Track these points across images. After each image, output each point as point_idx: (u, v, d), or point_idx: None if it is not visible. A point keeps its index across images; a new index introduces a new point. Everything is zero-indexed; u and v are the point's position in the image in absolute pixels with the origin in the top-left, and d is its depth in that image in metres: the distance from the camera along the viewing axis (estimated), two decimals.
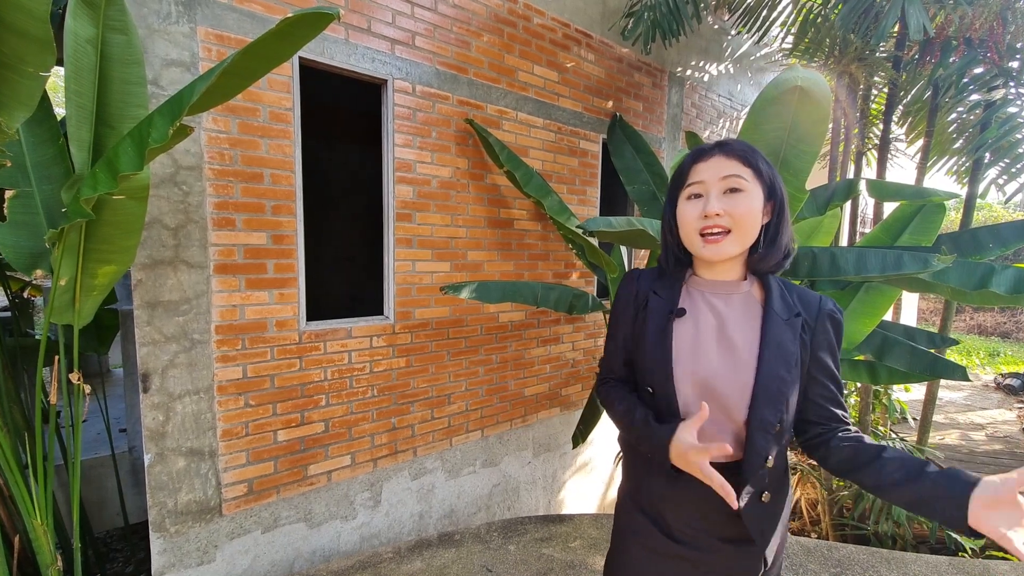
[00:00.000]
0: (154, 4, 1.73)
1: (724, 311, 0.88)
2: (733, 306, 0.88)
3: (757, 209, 0.83)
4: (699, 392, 0.85)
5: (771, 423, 0.81)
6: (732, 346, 0.85)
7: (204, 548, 2.01)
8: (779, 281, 0.90)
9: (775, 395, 0.81)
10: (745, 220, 0.82)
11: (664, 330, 0.88)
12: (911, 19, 1.91)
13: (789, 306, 0.85)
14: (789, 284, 0.90)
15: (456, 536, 2.29)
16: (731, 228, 0.82)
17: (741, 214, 0.82)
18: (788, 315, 0.84)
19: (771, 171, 0.85)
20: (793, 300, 0.87)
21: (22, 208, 1.64)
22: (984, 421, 5.26)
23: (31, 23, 1.09)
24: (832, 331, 0.87)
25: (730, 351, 0.84)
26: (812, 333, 0.85)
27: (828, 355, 0.87)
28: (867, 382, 2.62)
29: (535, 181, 2.59)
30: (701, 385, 0.85)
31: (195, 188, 1.87)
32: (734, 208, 0.82)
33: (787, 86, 1.28)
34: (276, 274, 2.09)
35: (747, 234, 0.83)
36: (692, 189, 0.86)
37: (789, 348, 0.83)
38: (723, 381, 0.83)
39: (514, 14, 2.77)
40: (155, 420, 1.86)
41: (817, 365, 0.86)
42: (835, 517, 3.41)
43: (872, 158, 3.96)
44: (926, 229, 2.36)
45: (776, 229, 0.86)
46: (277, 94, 2.02)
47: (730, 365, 0.84)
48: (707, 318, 0.88)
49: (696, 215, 0.84)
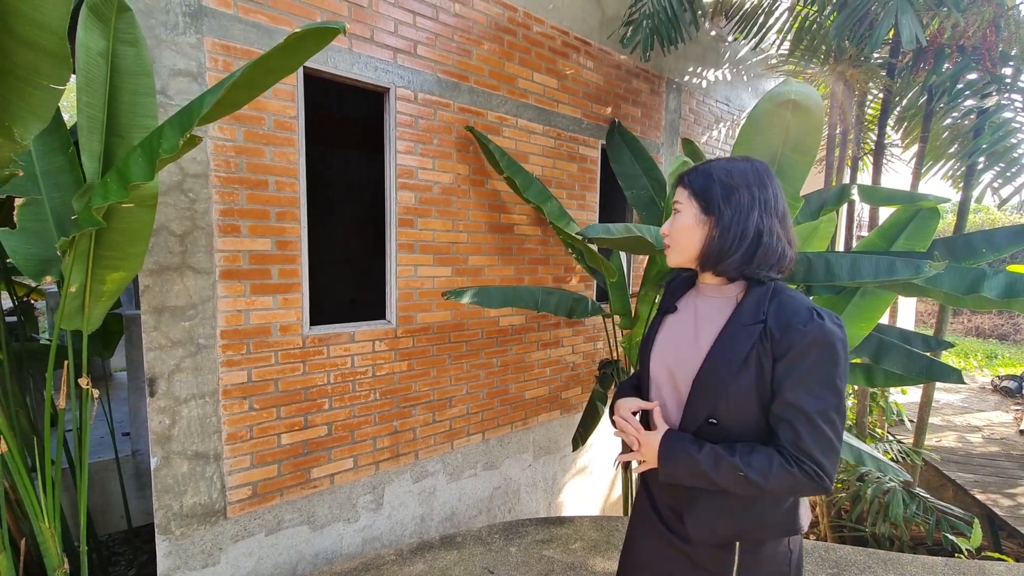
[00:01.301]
0: (162, 15, 1.77)
1: (703, 311, 0.98)
2: (711, 307, 0.97)
3: (687, 226, 0.94)
4: (666, 375, 0.98)
5: (699, 412, 0.90)
6: (696, 342, 0.94)
7: (209, 550, 2.03)
8: (766, 290, 0.89)
9: (709, 389, 0.89)
10: (676, 236, 0.96)
11: (656, 323, 1.06)
12: (904, 29, 1.95)
13: (757, 313, 0.87)
14: (783, 293, 0.89)
15: (458, 538, 2.32)
16: (670, 244, 0.98)
17: (673, 232, 0.97)
18: (751, 321, 0.87)
19: (706, 186, 0.90)
20: (766, 309, 0.87)
21: (32, 216, 1.67)
22: (981, 423, 5.29)
23: (48, 38, 1.12)
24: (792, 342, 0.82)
25: (694, 346, 0.94)
26: (774, 343, 0.84)
27: (788, 368, 0.83)
28: (864, 385, 2.65)
29: (535, 187, 2.62)
30: (667, 369, 0.98)
31: (201, 195, 1.90)
32: (670, 228, 0.98)
33: (781, 99, 1.32)
34: (280, 279, 2.12)
35: (680, 248, 0.96)
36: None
37: (736, 351, 0.87)
38: (682, 369, 0.95)
39: (514, 23, 2.81)
40: (161, 424, 1.88)
41: (776, 379, 0.84)
42: (833, 519, 3.43)
43: (868, 163, 4.01)
44: (921, 234, 2.40)
45: (720, 241, 0.89)
46: (282, 103, 2.06)
47: (690, 357, 0.94)
48: (689, 316, 1.00)
49: None
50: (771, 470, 0.82)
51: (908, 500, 3.07)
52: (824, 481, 0.81)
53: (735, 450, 0.85)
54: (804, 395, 0.81)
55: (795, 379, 0.82)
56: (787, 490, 0.84)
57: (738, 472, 0.83)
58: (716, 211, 0.90)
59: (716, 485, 0.86)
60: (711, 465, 0.85)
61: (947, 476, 3.92)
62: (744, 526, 0.90)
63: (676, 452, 0.89)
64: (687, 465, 0.88)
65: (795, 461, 0.81)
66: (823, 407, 0.81)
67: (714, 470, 0.85)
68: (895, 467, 2.51)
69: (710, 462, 0.85)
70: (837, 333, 0.83)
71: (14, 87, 1.24)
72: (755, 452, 0.84)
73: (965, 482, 3.80)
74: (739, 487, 0.85)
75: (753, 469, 0.82)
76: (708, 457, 0.86)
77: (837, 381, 0.82)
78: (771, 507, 0.90)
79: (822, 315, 0.84)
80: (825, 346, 0.81)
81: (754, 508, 0.90)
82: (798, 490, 0.84)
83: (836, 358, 0.82)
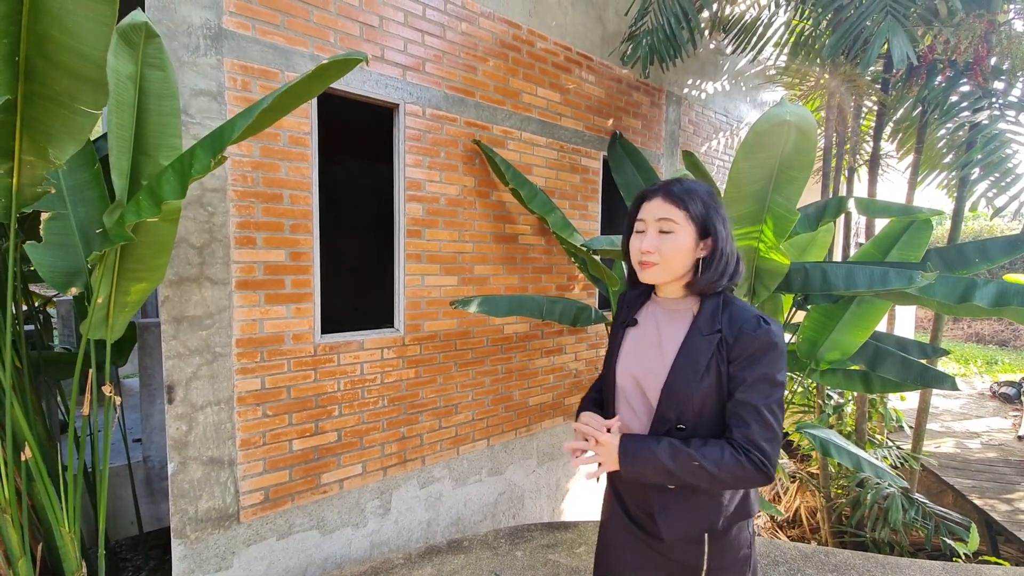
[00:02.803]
0: (184, 38, 1.85)
1: (664, 323, 1.05)
2: (672, 320, 1.04)
3: (685, 246, 0.97)
4: (633, 385, 1.04)
5: (669, 418, 0.97)
6: (661, 352, 1.01)
7: (222, 555, 2.08)
8: (719, 301, 0.99)
9: (677, 396, 0.96)
10: (670, 257, 0.98)
11: (618, 336, 1.11)
12: (895, 49, 2.03)
13: (713, 323, 0.97)
14: (730, 303, 0.99)
15: (465, 543, 2.36)
16: (658, 263, 0.99)
17: (667, 252, 0.98)
18: (709, 331, 0.96)
19: (706, 212, 0.98)
20: (720, 318, 0.97)
21: (58, 229, 1.74)
22: (980, 429, 5.33)
23: (87, 66, 1.20)
24: (746, 347, 0.93)
25: (659, 356, 1.01)
26: (729, 348, 0.94)
27: (741, 369, 0.93)
28: (861, 391, 2.71)
29: (539, 198, 2.69)
30: (633, 379, 1.04)
31: (219, 209, 1.97)
32: (662, 246, 0.98)
33: (777, 120, 1.39)
34: (293, 289, 2.19)
35: (671, 268, 0.99)
36: (637, 225, 1.04)
37: (700, 358, 0.95)
38: (648, 379, 1.01)
39: (518, 39, 2.90)
40: (179, 430, 1.94)
41: (731, 379, 0.94)
42: (834, 524, 3.47)
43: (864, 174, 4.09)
44: (915, 244, 2.47)
45: (712, 261, 0.99)
46: (296, 119, 2.13)
47: (656, 367, 1.00)
48: (651, 328, 1.06)
49: (637, 248, 1.02)
50: (723, 459, 0.89)
51: (907, 506, 3.12)
52: (768, 470, 0.90)
53: (690, 443, 0.93)
54: (754, 393, 0.91)
55: (747, 378, 0.92)
56: (735, 479, 0.90)
57: (693, 462, 0.90)
58: (715, 234, 0.98)
59: (675, 477, 0.92)
60: (669, 457, 0.92)
61: (946, 482, 3.96)
62: (712, 519, 0.98)
63: (636, 447, 0.96)
64: (647, 460, 0.94)
65: (744, 451, 0.90)
66: (769, 401, 0.91)
67: (672, 461, 0.91)
68: (892, 473, 2.56)
69: (668, 455, 0.92)
70: (779, 336, 0.95)
71: (51, 111, 1.32)
72: (708, 444, 0.92)
73: (963, 487, 3.85)
74: (694, 477, 0.91)
75: (707, 459, 0.90)
76: (665, 450, 0.93)
77: (780, 376, 0.93)
78: (731, 497, 1.00)
79: (767, 321, 0.95)
80: (771, 348, 0.93)
81: (718, 502, 0.98)
82: (746, 479, 0.90)
83: (779, 357, 0.93)
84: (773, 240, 1.83)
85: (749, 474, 0.89)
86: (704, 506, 0.98)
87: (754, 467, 0.89)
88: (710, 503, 0.98)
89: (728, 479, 0.90)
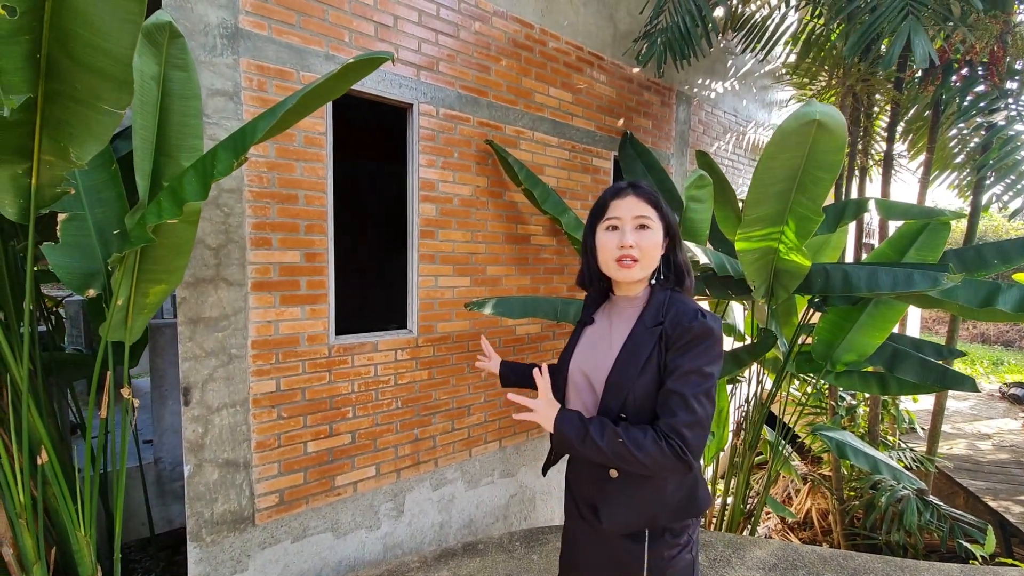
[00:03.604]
0: (201, 38, 1.84)
1: (616, 320, 1.08)
2: (623, 316, 1.07)
3: (659, 243, 1.03)
4: (583, 379, 1.07)
5: (612, 408, 0.99)
6: (610, 346, 1.05)
7: (237, 557, 2.07)
8: (665, 296, 1.03)
9: (618, 386, 0.99)
10: (650, 252, 1.02)
11: (576, 334, 1.16)
12: (917, 48, 2.01)
13: (657, 316, 1.00)
14: (676, 299, 1.02)
15: (479, 545, 2.35)
16: (639, 258, 1.01)
17: (647, 247, 1.01)
18: (652, 324, 1.00)
19: (669, 212, 1.06)
20: (664, 312, 1.00)
21: (75, 230, 1.73)
22: (990, 431, 5.30)
23: (113, 65, 1.18)
24: (680, 337, 0.95)
25: (608, 350, 1.04)
26: (667, 339, 0.97)
27: (673, 358, 0.95)
28: (877, 393, 2.68)
29: (552, 199, 2.68)
30: (583, 374, 1.07)
31: (235, 210, 1.96)
32: (642, 242, 1.01)
33: (805, 119, 1.37)
34: (308, 291, 2.18)
35: (651, 263, 1.03)
36: (611, 222, 1.04)
37: (641, 350, 0.98)
38: (595, 371, 1.05)
39: (531, 39, 2.88)
40: (195, 432, 1.93)
41: (666, 369, 0.97)
42: (847, 527, 3.45)
43: (875, 174, 4.07)
44: (932, 245, 2.45)
45: (673, 257, 1.07)
46: (312, 120, 2.12)
47: (603, 360, 1.04)
48: (604, 325, 1.10)
49: (614, 244, 1.02)
50: (644, 441, 0.91)
51: (922, 508, 3.09)
52: (688, 458, 0.90)
53: (618, 423, 0.96)
54: (682, 382, 0.93)
55: (679, 367, 0.94)
56: (656, 464, 0.91)
57: (618, 439, 0.92)
58: (674, 234, 1.05)
59: (600, 451, 0.93)
60: (598, 432, 0.94)
61: (959, 483, 3.94)
62: (651, 512, 1.00)
63: (571, 414, 1.00)
64: (577, 426, 0.97)
65: (665, 437, 0.91)
66: (697, 391, 0.92)
67: (599, 435, 0.93)
68: (910, 475, 2.54)
69: (596, 427, 0.95)
70: (715, 328, 0.96)
71: (73, 110, 1.30)
72: (633, 428, 0.94)
73: (977, 489, 3.82)
74: (618, 456, 0.92)
75: (630, 439, 0.91)
76: (595, 424, 0.96)
77: (709, 368, 0.95)
78: (672, 493, 1.01)
79: (704, 315, 0.98)
80: (704, 338, 0.95)
81: (661, 495, 1.00)
82: (665, 466, 0.91)
83: (712, 349, 0.96)
84: (795, 241, 1.81)
85: (669, 460, 0.90)
86: (646, 499, 1.00)
87: (673, 454, 0.89)
88: (652, 495, 1.00)
89: (648, 463, 0.91)
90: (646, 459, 0.90)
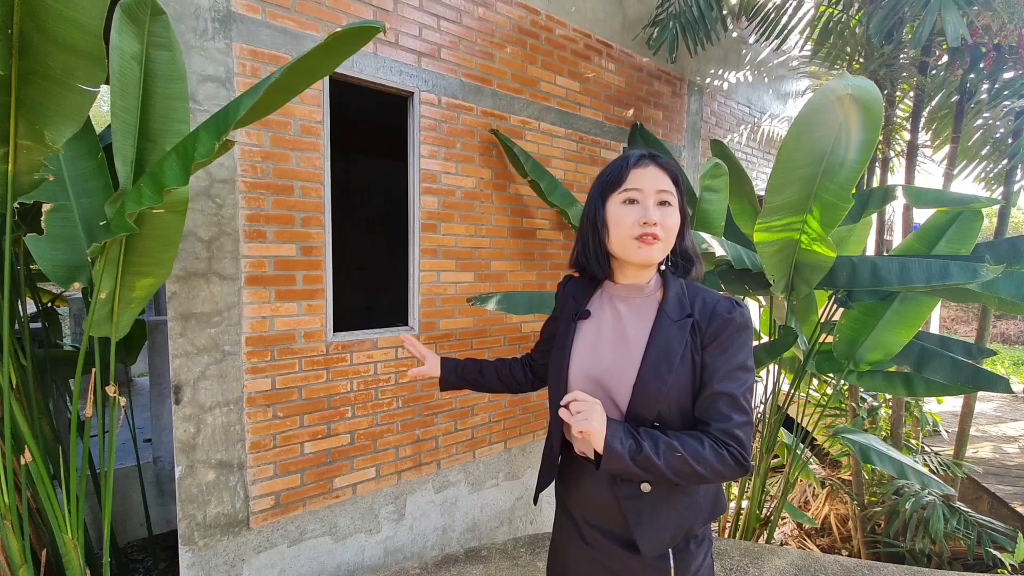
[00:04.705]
0: (191, 21, 1.76)
1: (625, 312, 0.93)
2: (634, 308, 0.93)
3: (678, 225, 0.91)
4: (591, 387, 0.91)
5: (645, 417, 0.86)
6: (626, 344, 0.90)
7: (232, 562, 1.99)
8: (680, 284, 0.92)
9: (652, 391, 0.85)
10: (672, 231, 0.89)
11: (568, 331, 0.98)
12: (948, 26, 1.87)
13: (682, 308, 0.89)
14: (694, 287, 0.92)
15: (483, 552, 2.25)
16: (662, 238, 0.88)
17: (670, 226, 0.89)
18: (679, 316, 0.88)
19: (683, 184, 0.95)
20: (688, 302, 0.89)
21: (60, 222, 1.66)
22: (1016, 433, 5.09)
23: (82, 37, 1.10)
24: (720, 330, 0.85)
25: (624, 349, 0.90)
26: (702, 334, 0.86)
27: (716, 355, 0.85)
28: (902, 394, 2.55)
29: (559, 191, 2.57)
30: (593, 380, 0.91)
31: (228, 201, 1.88)
32: (665, 219, 0.88)
33: (835, 95, 1.25)
34: (305, 285, 2.09)
35: (671, 243, 0.91)
36: (629, 194, 0.89)
37: (674, 348, 0.86)
38: (612, 377, 0.89)
39: (537, 25, 2.78)
40: (186, 432, 1.85)
41: (704, 367, 0.86)
42: (868, 534, 3.30)
43: (898, 164, 3.90)
44: (964, 237, 2.30)
45: (682, 241, 0.95)
46: (308, 107, 2.04)
47: (621, 362, 0.89)
48: (608, 319, 0.95)
49: (634, 220, 0.87)
50: (704, 452, 0.80)
51: (948, 515, 2.94)
52: (748, 463, 0.82)
53: (667, 434, 0.83)
54: (730, 381, 0.83)
55: (724, 366, 0.84)
56: (714, 474, 0.81)
57: (675, 453, 0.80)
58: (685, 214, 0.92)
59: (655, 468, 0.79)
60: (651, 446, 0.80)
61: (984, 488, 3.76)
62: (688, 522, 0.90)
63: (615, 428, 0.82)
64: (630, 444, 0.80)
65: (724, 446, 0.81)
66: (743, 389, 0.84)
67: (654, 450, 0.80)
68: (939, 481, 2.40)
69: (650, 443, 0.80)
70: (750, 318, 0.88)
71: (47, 89, 1.23)
72: (686, 437, 0.82)
73: (1005, 494, 3.64)
74: (675, 470, 0.80)
75: (689, 452, 0.80)
76: (647, 438, 0.81)
77: (751, 362, 0.86)
78: (703, 497, 0.92)
79: (738, 303, 0.88)
80: (744, 329, 0.86)
81: (695, 500, 0.90)
82: (724, 474, 0.81)
83: (750, 340, 0.87)
84: (819, 231, 1.68)
85: (729, 468, 0.81)
86: (683, 509, 0.89)
87: (734, 461, 0.80)
88: (687, 503, 0.89)
89: (709, 475, 0.81)
90: (706, 471, 0.79)
